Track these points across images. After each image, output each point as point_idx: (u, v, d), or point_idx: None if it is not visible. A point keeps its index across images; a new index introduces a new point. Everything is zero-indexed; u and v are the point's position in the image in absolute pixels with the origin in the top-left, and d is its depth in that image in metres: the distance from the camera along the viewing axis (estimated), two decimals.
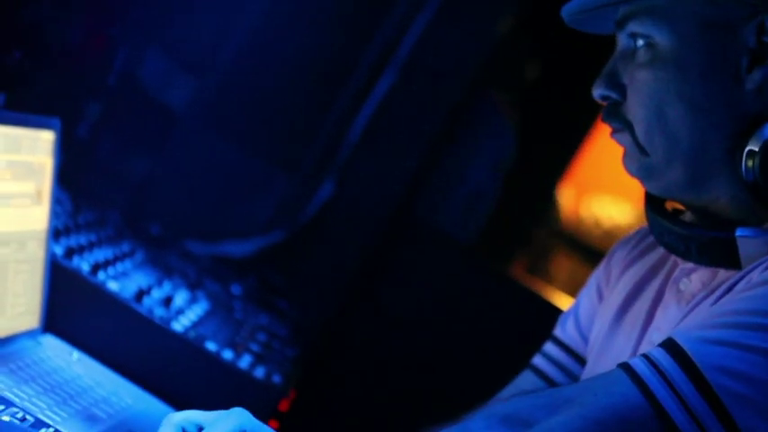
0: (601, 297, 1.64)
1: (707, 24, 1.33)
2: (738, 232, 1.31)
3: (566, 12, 1.47)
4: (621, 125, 1.40)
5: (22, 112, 1.66)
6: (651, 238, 1.58)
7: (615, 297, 1.57)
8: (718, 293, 1.31)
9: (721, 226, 1.35)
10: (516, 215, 3.24)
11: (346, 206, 2.65)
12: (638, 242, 1.63)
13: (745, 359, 1.15)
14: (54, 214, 1.78)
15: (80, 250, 1.91)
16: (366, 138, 2.65)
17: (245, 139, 2.65)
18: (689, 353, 1.17)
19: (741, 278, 1.27)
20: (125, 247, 2.14)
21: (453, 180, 2.87)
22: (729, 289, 1.29)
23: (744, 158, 1.31)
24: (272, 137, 2.66)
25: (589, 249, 3.57)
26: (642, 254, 1.59)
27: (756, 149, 1.29)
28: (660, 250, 1.54)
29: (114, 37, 2.39)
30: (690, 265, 1.41)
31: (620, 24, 1.40)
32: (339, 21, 2.68)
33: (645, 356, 1.20)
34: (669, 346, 1.20)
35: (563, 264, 3.59)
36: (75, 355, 1.79)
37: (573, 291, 2.92)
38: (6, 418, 1.32)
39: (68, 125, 1.84)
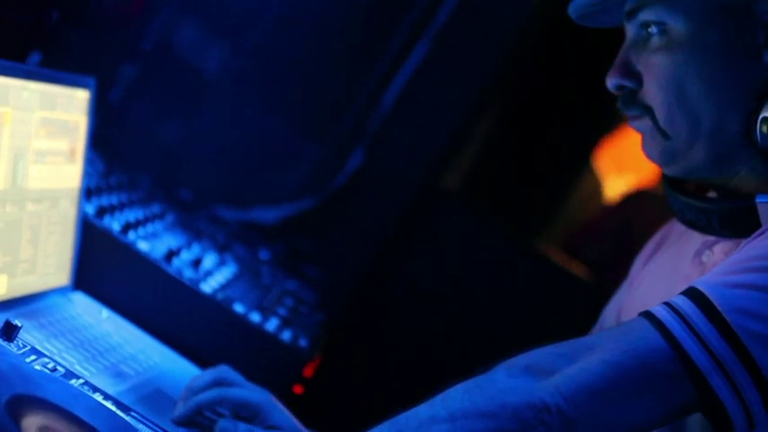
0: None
1: (721, 6, 1.35)
2: (759, 199, 1.33)
3: (573, 8, 1.48)
4: (640, 111, 1.41)
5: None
6: (668, 240, 1.60)
7: (641, 294, 1.58)
8: None
9: (741, 197, 1.36)
10: (545, 190, 3.24)
11: (376, 175, 2.64)
12: (652, 251, 1.65)
13: (766, 300, 1.16)
14: (86, 174, 1.80)
15: (111, 210, 1.93)
16: (397, 108, 2.64)
17: (277, 106, 2.65)
18: (709, 297, 1.18)
19: (761, 233, 1.28)
20: (155, 209, 2.15)
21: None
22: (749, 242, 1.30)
23: (759, 126, 1.32)
24: (303, 105, 2.66)
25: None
26: (661, 251, 1.62)
27: None
28: (678, 245, 1.55)
29: (152, 1, 2.40)
30: (712, 238, 1.42)
31: (631, 14, 1.41)
32: None
33: (666, 303, 1.21)
34: (690, 292, 1.21)
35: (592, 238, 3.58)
36: (105, 312, 1.81)
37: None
38: (38, 367, 1.34)
39: (103, 88, 1.85)
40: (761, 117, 1.32)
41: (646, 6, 1.38)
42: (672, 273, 1.51)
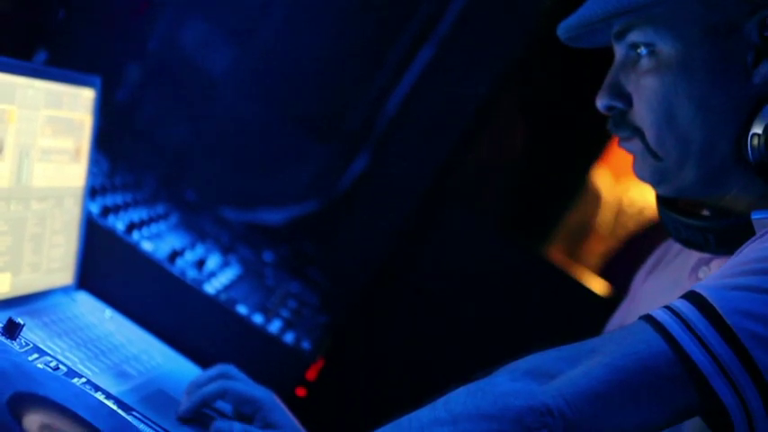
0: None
1: (709, 27, 1.35)
2: (754, 215, 1.33)
3: (562, 30, 1.48)
4: (630, 133, 1.42)
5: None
6: (667, 256, 1.60)
7: (641, 310, 1.58)
8: None
9: (735, 214, 1.38)
10: (553, 197, 3.24)
11: (381, 179, 2.64)
12: (652, 267, 1.66)
13: (766, 302, 1.16)
14: (91, 173, 1.80)
15: (116, 210, 1.93)
16: (403, 112, 2.64)
17: (283, 108, 2.65)
18: (709, 299, 1.18)
19: (761, 236, 1.28)
20: (160, 210, 2.15)
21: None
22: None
23: (749, 141, 1.33)
24: (309, 107, 2.66)
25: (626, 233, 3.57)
26: (660, 267, 1.63)
27: (760, 132, 1.32)
28: (676, 261, 1.55)
29: (158, 0, 2.40)
30: (708, 255, 1.43)
31: (620, 36, 1.42)
32: None
33: (666, 307, 1.21)
34: (690, 295, 1.21)
35: (598, 247, 3.59)
36: (108, 312, 1.81)
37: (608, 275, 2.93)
38: (40, 366, 1.34)
39: (109, 87, 1.85)
40: (751, 133, 1.33)
41: (634, 28, 1.39)
42: (671, 288, 1.51)
